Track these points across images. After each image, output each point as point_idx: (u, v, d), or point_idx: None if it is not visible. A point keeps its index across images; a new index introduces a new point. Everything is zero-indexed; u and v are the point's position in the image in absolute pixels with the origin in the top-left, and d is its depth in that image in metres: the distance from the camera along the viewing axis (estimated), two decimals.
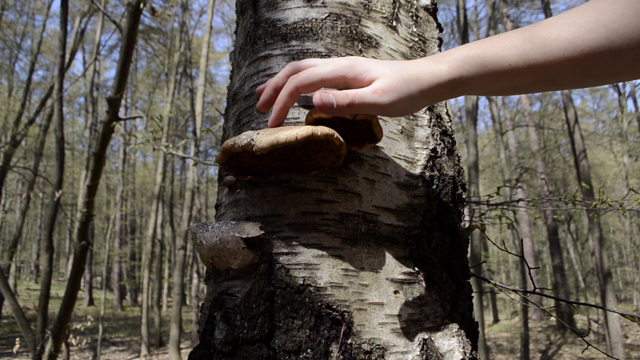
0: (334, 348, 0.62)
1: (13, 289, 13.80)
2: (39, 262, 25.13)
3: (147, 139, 3.04)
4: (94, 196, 4.76)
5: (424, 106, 0.64)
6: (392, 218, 0.73)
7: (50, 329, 4.81)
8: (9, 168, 9.99)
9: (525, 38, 0.61)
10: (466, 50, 0.63)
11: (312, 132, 0.60)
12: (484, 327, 11.73)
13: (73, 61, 11.50)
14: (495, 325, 17.79)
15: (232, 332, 0.65)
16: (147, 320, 12.66)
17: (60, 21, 6.54)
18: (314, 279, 0.66)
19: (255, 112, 0.77)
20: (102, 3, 11.81)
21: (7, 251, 14.77)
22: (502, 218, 2.10)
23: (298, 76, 0.64)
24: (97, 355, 10.50)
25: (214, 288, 0.74)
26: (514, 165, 15.21)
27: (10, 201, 21.91)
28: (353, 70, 0.63)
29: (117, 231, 22.54)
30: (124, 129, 18.73)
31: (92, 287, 22.83)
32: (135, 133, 3.21)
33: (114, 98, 4.16)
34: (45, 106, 11.32)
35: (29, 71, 13.16)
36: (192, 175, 13.00)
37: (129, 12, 4.03)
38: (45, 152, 16.32)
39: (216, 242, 0.68)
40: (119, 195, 19.69)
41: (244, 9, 0.89)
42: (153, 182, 18.36)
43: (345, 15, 0.79)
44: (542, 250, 24.75)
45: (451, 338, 0.71)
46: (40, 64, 21.87)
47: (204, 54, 13.18)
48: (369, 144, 0.70)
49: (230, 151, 0.64)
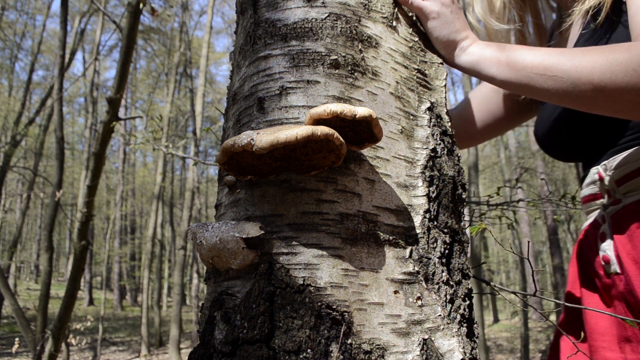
0: (334, 348, 0.62)
1: (13, 289, 13.80)
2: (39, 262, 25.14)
3: (147, 139, 3.04)
4: (94, 196, 4.76)
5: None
6: (392, 218, 0.73)
7: (50, 329, 4.81)
8: (9, 168, 10.00)
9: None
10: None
11: (312, 132, 0.60)
12: (484, 327, 11.72)
13: (73, 61, 11.50)
14: (495, 325, 17.80)
15: (232, 332, 0.65)
16: (147, 320, 12.66)
17: (60, 21, 6.54)
18: (314, 279, 0.66)
19: (255, 112, 0.77)
20: (102, 3, 11.82)
21: (7, 251, 14.77)
22: (502, 218, 2.10)
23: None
24: (97, 355, 10.50)
25: (214, 288, 0.74)
26: (514, 165, 15.22)
27: (10, 201, 21.91)
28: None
29: (117, 231, 22.54)
30: (124, 129, 18.73)
31: (92, 287, 22.85)
32: (135, 133, 3.21)
33: (114, 98, 4.16)
34: (45, 106, 11.32)
35: (29, 71, 13.17)
36: (192, 175, 13.00)
37: (129, 12, 4.03)
38: (45, 152, 16.32)
39: (216, 242, 0.68)
40: (119, 195, 19.70)
41: (244, 9, 0.89)
42: (153, 182, 18.35)
43: (345, 15, 0.79)
44: (542, 250, 24.75)
45: (451, 338, 0.71)
46: (40, 64, 21.89)
47: (204, 54, 13.18)
48: (369, 144, 0.70)
49: (230, 151, 0.64)
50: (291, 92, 0.75)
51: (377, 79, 0.78)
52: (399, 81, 0.81)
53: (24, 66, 21.75)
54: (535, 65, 0.83)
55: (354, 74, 0.76)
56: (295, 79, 0.75)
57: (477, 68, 0.90)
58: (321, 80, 0.75)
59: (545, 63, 0.82)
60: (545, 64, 0.82)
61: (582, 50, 0.82)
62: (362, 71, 0.77)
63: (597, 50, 0.80)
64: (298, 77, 0.75)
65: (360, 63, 0.77)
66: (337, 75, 0.75)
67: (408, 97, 0.81)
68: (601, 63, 0.77)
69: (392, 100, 0.79)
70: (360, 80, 0.77)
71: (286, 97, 0.74)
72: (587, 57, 0.79)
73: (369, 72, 0.77)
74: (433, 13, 0.88)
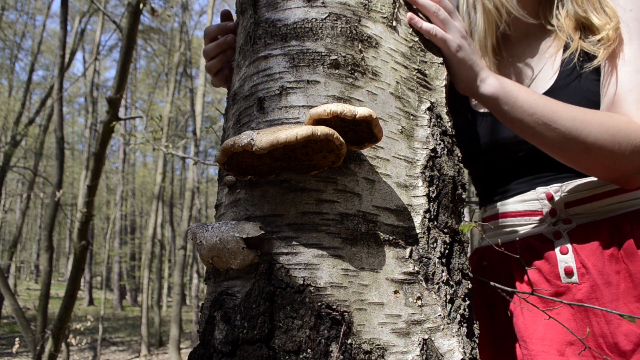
0: (334, 348, 0.62)
1: (13, 289, 13.80)
2: (39, 262, 25.14)
3: (147, 139, 3.04)
4: (94, 196, 4.76)
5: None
6: (392, 218, 0.73)
7: (50, 329, 4.82)
8: (9, 168, 10.00)
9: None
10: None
11: (312, 132, 0.60)
12: None
13: (73, 61, 11.51)
14: None
15: (232, 332, 0.65)
16: (147, 320, 12.66)
17: (60, 21, 6.55)
18: (314, 279, 0.66)
19: (255, 112, 0.77)
20: (102, 3, 11.82)
21: (7, 251, 14.77)
22: None
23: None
24: (97, 355, 10.51)
25: (214, 288, 0.74)
26: None
27: (10, 201, 21.91)
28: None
29: (117, 231, 22.55)
30: (124, 129, 18.73)
31: (92, 287, 22.85)
32: (135, 133, 3.21)
33: (114, 98, 4.16)
34: (45, 106, 11.32)
35: (29, 71, 13.17)
36: (192, 175, 13.01)
37: (129, 12, 4.03)
38: (45, 152, 16.33)
39: (216, 242, 0.68)
40: (119, 195, 19.71)
41: (244, 9, 0.89)
42: (153, 182, 18.36)
43: (345, 15, 0.79)
44: None
45: (451, 338, 0.71)
46: (40, 64, 21.90)
47: None
48: (369, 144, 0.70)
49: (230, 151, 0.64)
50: (291, 92, 0.75)
51: (377, 79, 0.78)
52: (399, 81, 0.81)
53: (24, 66, 21.77)
54: (545, 114, 0.92)
55: (354, 74, 0.76)
56: (295, 79, 0.75)
57: (495, 102, 0.95)
58: (321, 80, 0.75)
59: (553, 116, 0.91)
60: (552, 117, 0.91)
61: (584, 112, 0.93)
62: (362, 71, 0.77)
63: (597, 116, 0.93)
64: (298, 77, 0.75)
65: (360, 63, 0.77)
66: (337, 75, 0.75)
67: (408, 97, 0.81)
68: (598, 129, 0.91)
69: (392, 100, 0.79)
70: (360, 80, 0.77)
71: (286, 97, 0.75)
72: (587, 119, 0.92)
73: (369, 72, 0.77)
74: (456, 46, 0.92)
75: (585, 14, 1.06)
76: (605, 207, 1.03)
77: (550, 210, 1.07)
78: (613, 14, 1.02)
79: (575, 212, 1.05)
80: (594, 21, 1.04)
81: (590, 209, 1.04)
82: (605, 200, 1.03)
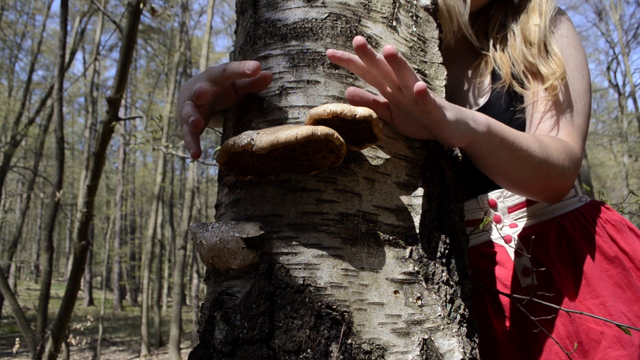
0: (334, 348, 0.62)
1: (13, 289, 13.80)
2: (39, 262, 25.16)
3: (147, 139, 3.05)
4: (94, 196, 4.76)
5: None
6: (392, 218, 0.73)
7: (50, 329, 4.82)
8: (9, 168, 10.00)
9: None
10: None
11: (312, 132, 0.60)
12: None
13: (73, 61, 11.51)
14: None
15: (232, 332, 0.65)
16: (147, 320, 12.65)
17: (60, 21, 6.55)
18: (314, 279, 0.66)
19: (255, 112, 0.77)
20: (102, 3, 11.82)
21: (7, 251, 14.77)
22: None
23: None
24: (97, 355, 10.51)
25: (214, 288, 0.74)
26: None
27: (10, 201, 21.92)
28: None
29: (117, 231, 22.54)
30: (124, 129, 18.72)
31: (92, 287, 22.85)
32: (135, 133, 3.21)
33: (114, 98, 4.16)
34: (45, 106, 11.33)
35: (29, 71, 13.17)
36: (192, 175, 13.00)
37: (129, 12, 4.03)
38: (45, 152, 16.32)
39: (216, 242, 0.68)
40: (119, 195, 19.70)
41: (244, 9, 0.89)
42: (153, 182, 18.35)
43: (345, 15, 0.79)
44: None
45: (451, 338, 0.71)
46: (40, 64, 21.89)
47: (204, 54, 13.17)
48: (369, 144, 0.70)
49: (230, 151, 0.64)
50: (291, 92, 0.75)
51: None
52: None
53: (24, 66, 21.75)
54: (528, 156, 0.87)
55: (354, 74, 0.76)
56: (295, 79, 0.75)
57: (483, 138, 0.83)
58: (321, 80, 0.75)
59: (531, 153, 0.86)
60: (530, 155, 0.86)
61: (546, 143, 0.91)
62: None
63: (555, 145, 0.92)
64: (298, 77, 0.75)
65: None
66: (337, 75, 0.75)
67: None
68: (556, 162, 0.91)
69: None
70: (360, 80, 0.77)
71: (286, 97, 0.75)
72: (550, 151, 0.90)
73: None
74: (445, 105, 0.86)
75: (532, 60, 1.06)
76: (546, 207, 1.07)
77: (494, 217, 1.09)
78: (559, 64, 1.02)
79: (518, 216, 1.08)
80: (541, 69, 1.04)
81: (533, 212, 1.07)
82: (544, 202, 1.06)
